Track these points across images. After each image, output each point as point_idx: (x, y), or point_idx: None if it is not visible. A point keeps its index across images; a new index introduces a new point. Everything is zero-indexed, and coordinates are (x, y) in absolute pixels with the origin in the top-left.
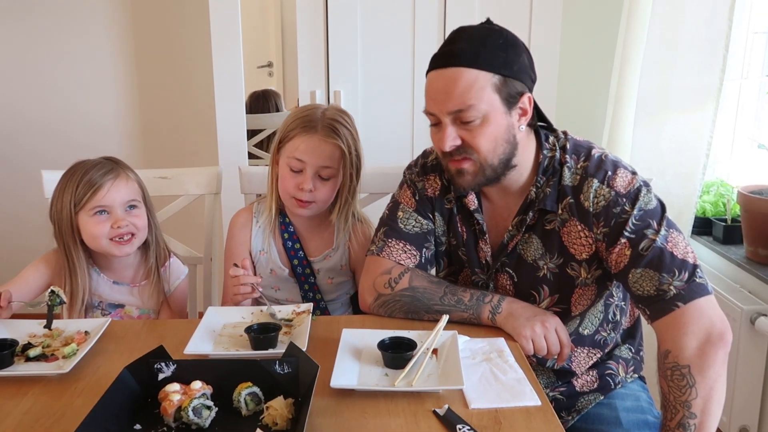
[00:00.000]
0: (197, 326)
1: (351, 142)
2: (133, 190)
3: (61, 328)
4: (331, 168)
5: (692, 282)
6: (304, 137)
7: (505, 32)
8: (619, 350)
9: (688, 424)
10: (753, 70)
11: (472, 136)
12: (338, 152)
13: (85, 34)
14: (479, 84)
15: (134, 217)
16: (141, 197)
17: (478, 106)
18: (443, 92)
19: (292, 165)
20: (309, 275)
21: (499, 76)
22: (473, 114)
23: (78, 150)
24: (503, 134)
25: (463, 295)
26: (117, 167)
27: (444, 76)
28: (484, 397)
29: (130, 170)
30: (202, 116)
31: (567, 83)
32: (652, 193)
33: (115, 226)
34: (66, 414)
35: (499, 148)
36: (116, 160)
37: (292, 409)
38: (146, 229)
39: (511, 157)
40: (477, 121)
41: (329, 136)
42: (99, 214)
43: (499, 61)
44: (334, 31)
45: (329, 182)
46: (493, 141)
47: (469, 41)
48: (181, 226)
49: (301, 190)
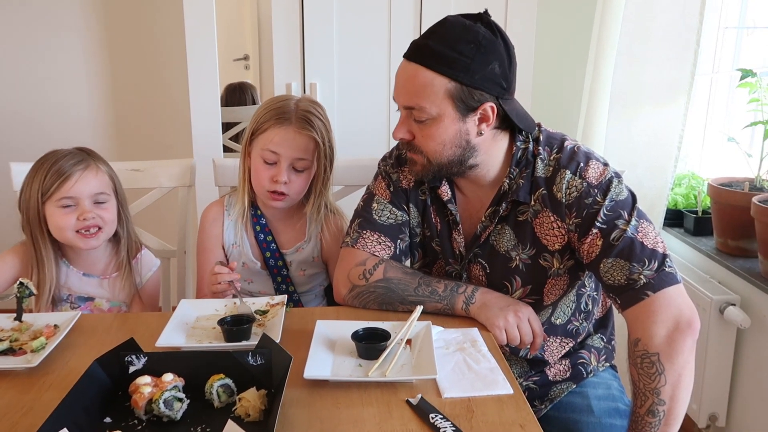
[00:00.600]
0: (169, 319)
1: (325, 134)
2: (103, 182)
3: (29, 321)
4: (305, 160)
5: (661, 271)
6: (277, 129)
7: (479, 38)
8: (591, 340)
9: (657, 411)
10: (723, 64)
11: (420, 134)
12: (312, 144)
13: (57, 25)
14: (433, 88)
15: (102, 210)
16: (111, 189)
17: (428, 109)
18: (401, 85)
19: (266, 157)
20: (281, 267)
21: (455, 83)
22: (422, 114)
23: (50, 142)
24: (452, 139)
25: (437, 286)
26: (88, 158)
27: (406, 70)
28: (457, 386)
29: (102, 162)
30: (176, 109)
31: (542, 76)
32: (623, 184)
33: (81, 218)
34: (34, 408)
35: (447, 151)
36: (89, 151)
37: (265, 401)
38: (114, 222)
39: (465, 159)
40: (428, 122)
41: (303, 127)
42: (66, 206)
43: (459, 68)
44: (309, 23)
45: (303, 174)
46: (440, 143)
47: (440, 41)
48: (155, 219)
49: (276, 182)
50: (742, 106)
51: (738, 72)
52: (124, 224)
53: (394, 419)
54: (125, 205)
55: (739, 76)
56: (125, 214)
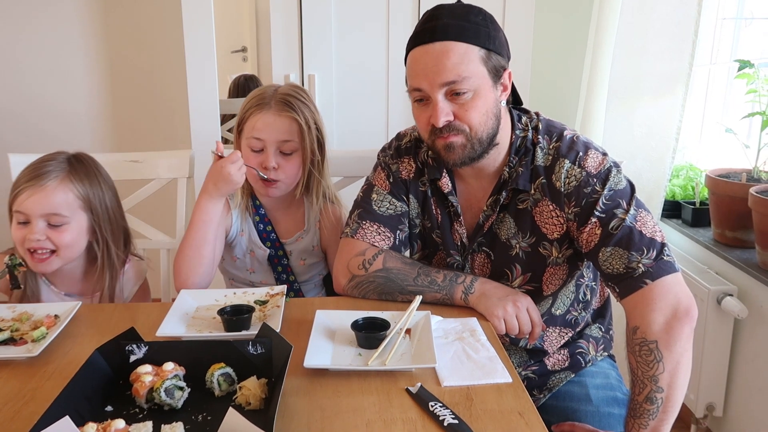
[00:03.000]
0: (170, 309)
1: (309, 115)
2: (63, 202)
3: (30, 311)
4: (291, 141)
5: (660, 260)
6: (258, 115)
7: (482, 9)
8: (590, 329)
9: (655, 398)
10: (721, 55)
11: (464, 110)
12: (295, 125)
13: (55, 18)
14: (469, 56)
15: (57, 233)
16: (80, 208)
17: (470, 79)
18: (433, 66)
19: (252, 145)
20: (282, 257)
21: (485, 50)
22: (466, 86)
23: (49, 136)
24: (492, 108)
25: (436, 276)
26: (54, 172)
27: (433, 51)
28: (457, 375)
29: (79, 178)
30: (175, 101)
31: (541, 69)
32: (621, 173)
33: (28, 238)
34: (35, 397)
35: (489, 122)
36: (76, 161)
37: (265, 389)
38: (76, 246)
39: (496, 133)
40: (469, 94)
41: (283, 109)
42: (20, 222)
43: (483, 36)
44: (307, 14)
45: (292, 157)
46: (483, 114)
47: (451, 17)
48: (154, 210)
49: (265, 168)
50: (739, 97)
51: (736, 63)
52: (102, 244)
53: (393, 408)
54: (105, 225)
55: (737, 67)
56: (104, 233)
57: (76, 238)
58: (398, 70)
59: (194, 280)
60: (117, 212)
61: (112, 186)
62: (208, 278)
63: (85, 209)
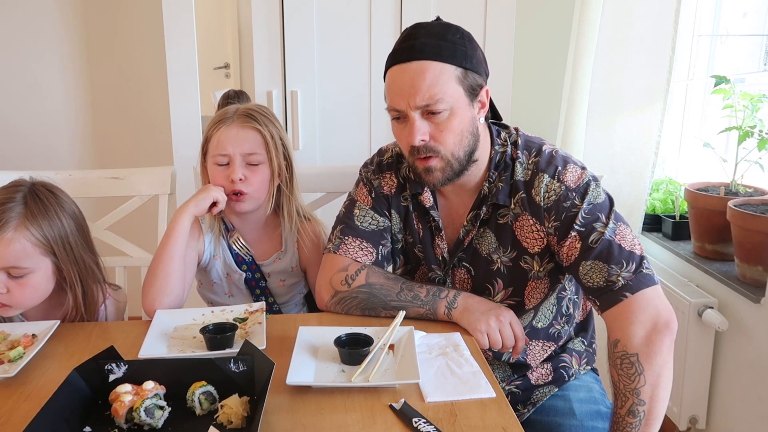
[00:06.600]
0: (148, 329)
1: (273, 130)
2: (22, 253)
3: (6, 331)
4: (256, 154)
5: (639, 273)
6: (222, 130)
7: (460, 28)
8: (573, 343)
9: (637, 411)
10: (698, 71)
11: (439, 130)
12: (260, 137)
13: (36, 32)
14: (445, 76)
15: (20, 286)
16: (40, 254)
17: (446, 99)
18: (409, 86)
19: (218, 161)
20: (259, 279)
21: (461, 68)
22: (441, 106)
23: (29, 151)
24: (468, 126)
25: (419, 291)
26: (10, 221)
27: (409, 70)
28: (440, 390)
29: (40, 221)
30: (156, 117)
31: (521, 85)
32: (600, 187)
33: None
34: (11, 419)
35: (465, 141)
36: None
37: (247, 407)
38: (35, 297)
39: (474, 150)
40: (445, 114)
41: (245, 122)
42: None
43: (459, 54)
44: (290, 31)
45: (259, 168)
46: (459, 134)
47: (429, 36)
48: (134, 228)
49: (233, 182)
50: (716, 112)
51: (712, 79)
52: (70, 282)
53: (377, 424)
54: (73, 268)
55: (713, 83)
56: (72, 277)
57: (38, 285)
58: (380, 86)
59: (162, 300)
60: (82, 245)
61: (74, 214)
62: (178, 300)
63: (47, 253)
